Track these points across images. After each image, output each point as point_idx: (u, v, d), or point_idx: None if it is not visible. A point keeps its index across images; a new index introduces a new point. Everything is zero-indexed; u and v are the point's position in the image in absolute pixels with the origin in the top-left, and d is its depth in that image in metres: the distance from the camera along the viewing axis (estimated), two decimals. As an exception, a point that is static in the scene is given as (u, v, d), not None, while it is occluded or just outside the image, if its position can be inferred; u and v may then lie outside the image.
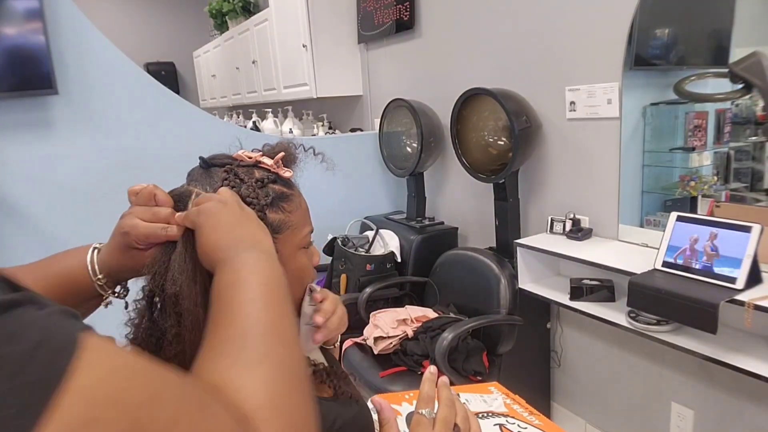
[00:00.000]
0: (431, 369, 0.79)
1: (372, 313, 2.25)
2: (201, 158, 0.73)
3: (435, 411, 0.73)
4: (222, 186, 0.67)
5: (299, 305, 0.77)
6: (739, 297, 1.39)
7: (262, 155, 0.73)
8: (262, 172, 0.72)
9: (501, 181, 2.22)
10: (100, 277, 0.68)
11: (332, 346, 0.91)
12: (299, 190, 0.76)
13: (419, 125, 2.60)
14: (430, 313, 2.23)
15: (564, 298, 1.94)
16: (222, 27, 4.84)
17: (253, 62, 4.16)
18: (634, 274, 1.62)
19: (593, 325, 2.09)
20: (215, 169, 0.71)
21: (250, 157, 0.72)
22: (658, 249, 1.64)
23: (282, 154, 0.73)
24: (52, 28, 2.14)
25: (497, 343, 2.07)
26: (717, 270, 1.49)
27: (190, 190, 0.69)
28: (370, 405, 0.87)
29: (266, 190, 0.70)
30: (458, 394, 1.02)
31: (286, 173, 0.73)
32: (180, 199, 0.68)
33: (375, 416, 0.82)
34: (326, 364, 0.79)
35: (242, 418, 0.42)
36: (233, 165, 0.71)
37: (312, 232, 0.77)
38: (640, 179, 1.98)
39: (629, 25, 1.80)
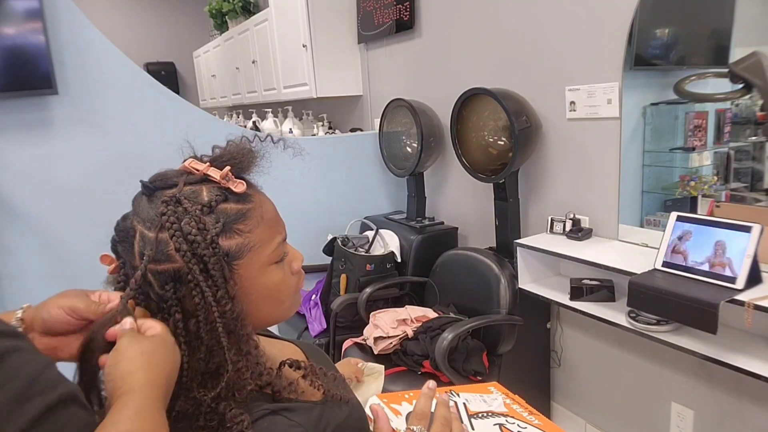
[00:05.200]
0: (430, 384, 0.76)
1: (372, 313, 2.25)
2: (142, 183, 0.66)
3: (428, 427, 0.71)
4: (161, 221, 0.62)
5: (274, 321, 0.73)
6: (739, 297, 1.39)
7: (210, 165, 0.66)
8: (211, 190, 0.65)
9: (501, 181, 2.22)
10: None
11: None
12: (261, 196, 0.69)
13: (419, 125, 2.59)
14: (430, 313, 2.23)
15: (564, 298, 1.94)
16: (222, 27, 4.84)
17: (253, 62, 4.16)
18: (634, 274, 1.61)
19: (593, 325, 2.09)
20: (159, 194, 0.64)
21: (198, 170, 0.65)
22: (658, 249, 1.64)
23: (228, 168, 0.66)
24: (52, 27, 2.14)
25: (497, 343, 2.07)
26: (717, 270, 1.49)
27: (135, 227, 0.63)
28: (373, 402, 0.87)
29: (215, 215, 0.63)
30: (458, 394, 1.02)
31: (237, 188, 0.65)
32: (126, 238, 0.64)
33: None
34: (310, 363, 0.76)
35: None
36: (178, 187, 0.64)
37: (285, 239, 0.71)
38: (640, 179, 1.98)
39: (629, 25, 1.80)
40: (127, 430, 0.51)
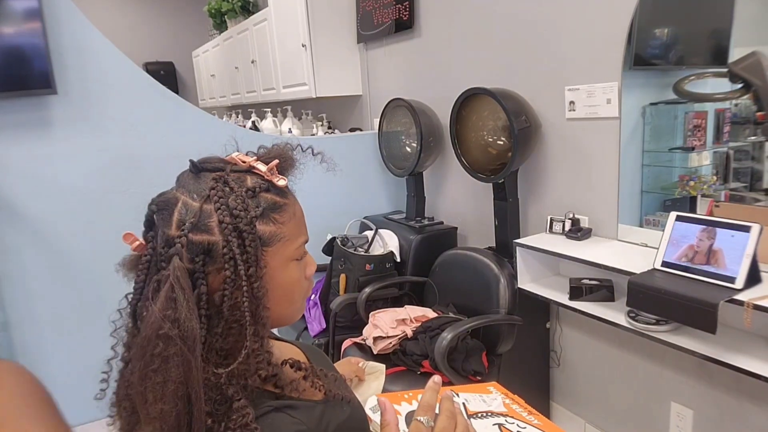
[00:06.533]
0: (435, 378, 0.77)
1: (371, 313, 2.25)
2: (191, 162, 0.70)
3: (434, 420, 0.72)
4: (209, 194, 0.65)
5: (282, 320, 0.75)
6: (739, 297, 1.39)
7: (257, 160, 0.71)
8: (255, 179, 0.69)
9: (500, 181, 2.22)
10: None
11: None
12: (295, 197, 0.74)
13: (418, 125, 2.59)
14: (430, 313, 2.23)
15: (563, 298, 1.94)
16: (221, 27, 4.84)
17: (252, 62, 4.16)
18: (634, 273, 1.62)
19: (593, 324, 2.09)
20: (205, 174, 0.68)
21: (244, 162, 0.70)
22: (658, 249, 1.64)
23: (276, 161, 0.70)
24: (51, 27, 2.14)
25: (496, 343, 2.07)
26: (716, 270, 1.49)
27: (177, 197, 0.66)
28: (373, 402, 0.87)
29: (257, 200, 0.67)
30: (458, 394, 1.02)
31: (280, 182, 0.70)
32: (166, 207, 0.66)
33: (376, 417, 0.82)
34: (311, 364, 0.77)
35: None
36: (225, 171, 0.68)
37: (306, 242, 0.74)
38: (640, 179, 1.98)
39: (629, 24, 1.80)
40: None
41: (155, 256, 0.65)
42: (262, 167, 0.69)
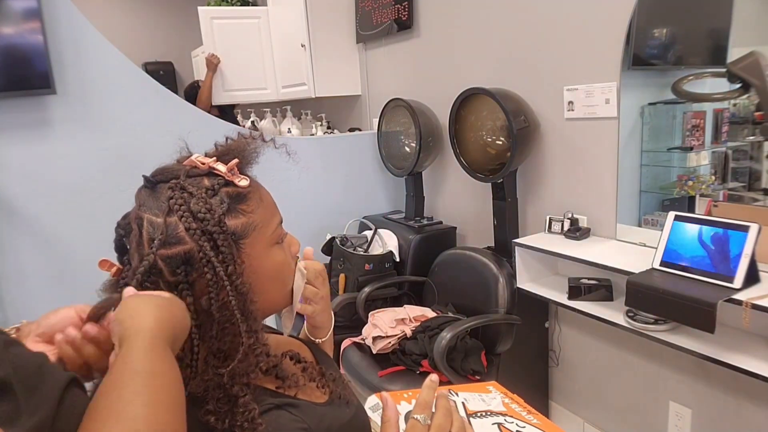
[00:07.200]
0: (433, 377, 0.78)
1: (371, 312, 2.25)
2: (145, 177, 0.69)
3: (431, 418, 0.73)
4: (169, 205, 0.64)
5: (280, 304, 0.76)
6: (737, 296, 1.39)
7: (216, 160, 0.70)
8: (212, 179, 0.68)
9: (499, 181, 2.22)
10: None
11: (319, 340, 0.91)
12: (257, 182, 0.73)
13: (418, 125, 2.60)
14: (429, 313, 2.23)
15: (562, 298, 1.94)
16: (220, 27, 4.82)
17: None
18: (632, 273, 1.62)
19: (591, 324, 2.09)
20: (161, 185, 0.67)
21: (203, 164, 0.69)
22: (656, 248, 1.64)
23: (236, 161, 0.69)
24: (51, 27, 2.14)
25: (495, 343, 2.07)
26: (715, 269, 1.50)
27: (141, 216, 0.65)
28: (372, 402, 0.87)
29: (219, 196, 0.67)
30: (457, 393, 1.03)
31: (241, 182, 0.69)
32: (131, 230, 0.65)
33: (374, 416, 0.82)
34: (318, 364, 0.78)
35: None
36: (180, 177, 0.67)
37: (281, 222, 0.74)
38: (638, 179, 1.98)
39: (627, 24, 1.80)
40: (136, 369, 0.51)
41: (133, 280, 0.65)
42: (222, 168, 0.68)
